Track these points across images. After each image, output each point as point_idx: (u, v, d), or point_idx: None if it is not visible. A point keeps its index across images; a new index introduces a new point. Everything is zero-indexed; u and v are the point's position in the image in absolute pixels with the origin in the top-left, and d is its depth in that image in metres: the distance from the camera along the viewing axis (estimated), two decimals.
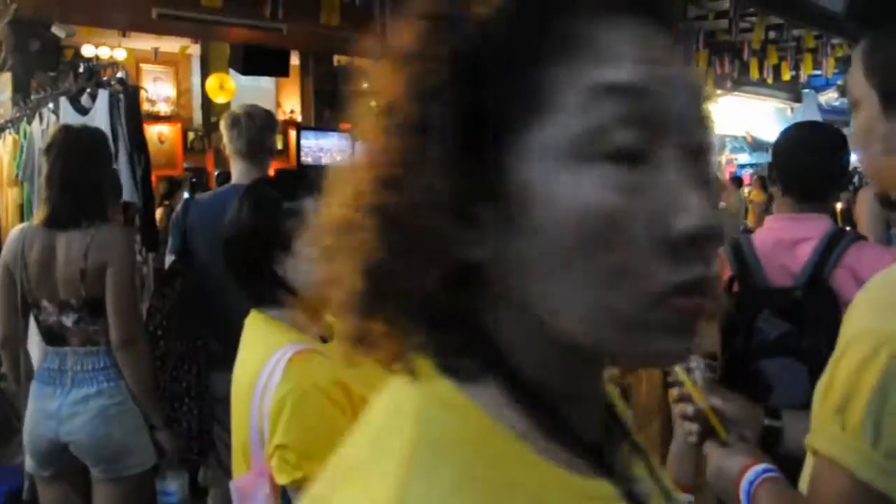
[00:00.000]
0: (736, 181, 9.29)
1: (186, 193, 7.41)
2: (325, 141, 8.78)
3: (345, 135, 9.01)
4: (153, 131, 10.21)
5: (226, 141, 2.44)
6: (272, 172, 2.56)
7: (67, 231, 2.07)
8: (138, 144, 3.10)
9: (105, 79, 3.27)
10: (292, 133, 10.23)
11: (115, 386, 2.07)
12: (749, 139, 13.23)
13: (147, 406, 2.11)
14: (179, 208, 2.58)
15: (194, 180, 8.87)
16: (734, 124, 12.06)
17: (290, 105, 11.61)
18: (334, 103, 9.45)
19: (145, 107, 9.60)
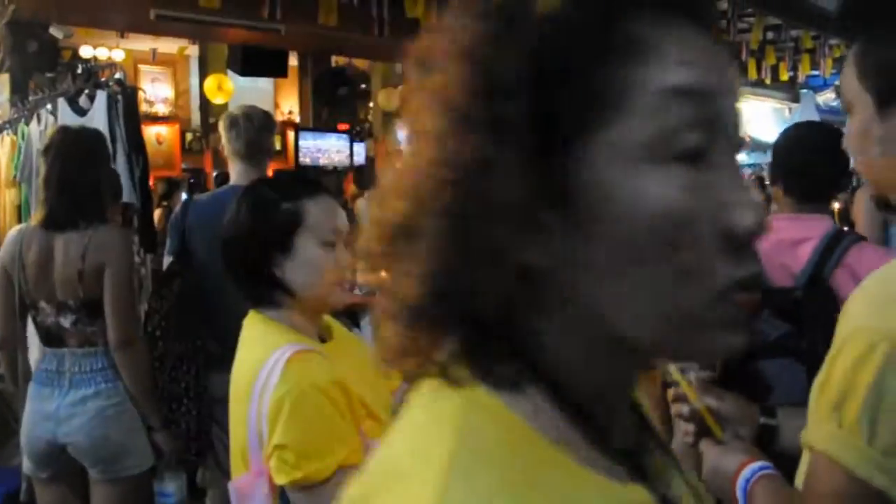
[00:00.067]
0: None
1: (184, 194, 7.41)
2: (324, 142, 8.78)
3: (343, 135, 9.01)
4: (151, 132, 10.20)
5: (224, 142, 2.44)
6: (270, 173, 2.55)
7: (65, 232, 2.07)
8: (136, 145, 3.10)
9: (103, 80, 3.27)
10: (290, 134, 10.23)
11: (113, 387, 2.07)
12: (747, 139, 13.25)
13: (145, 407, 2.11)
14: (178, 209, 2.57)
15: (192, 181, 8.86)
16: None
17: (289, 106, 11.61)
18: (335, 102, 9.45)
19: (143, 108, 9.60)
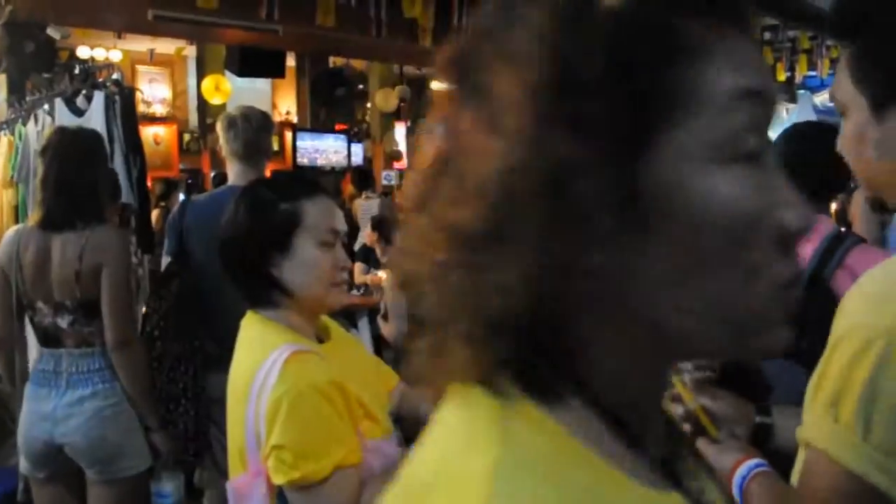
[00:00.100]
0: None
1: (182, 195, 7.41)
2: (321, 142, 8.78)
3: (340, 136, 9.01)
4: (149, 133, 10.19)
5: (222, 142, 2.44)
6: (268, 174, 2.55)
7: (63, 233, 2.07)
8: (134, 146, 3.10)
9: (100, 80, 3.27)
10: (288, 134, 10.23)
11: (111, 387, 2.06)
12: None
13: (142, 407, 2.10)
14: (176, 210, 2.57)
15: (190, 182, 8.86)
16: None
17: (286, 106, 11.60)
18: (332, 102, 9.43)
19: (141, 108, 9.58)
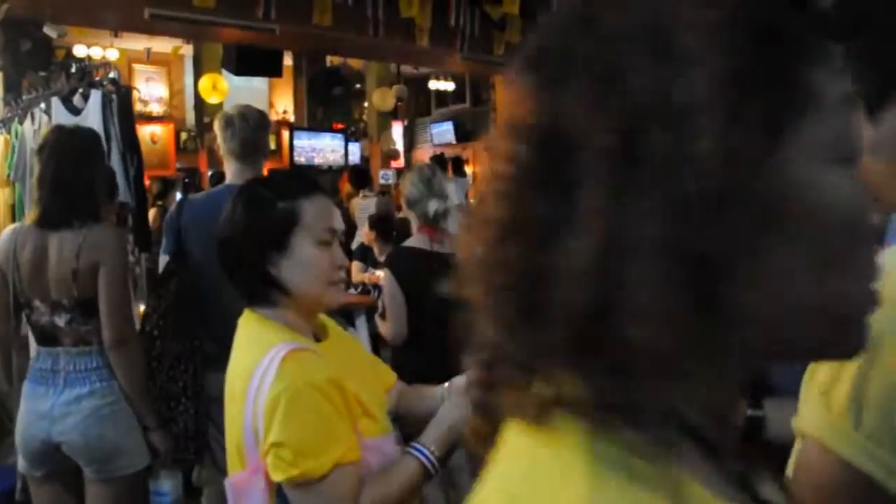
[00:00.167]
0: None
1: (179, 194, 7.40)
2: (318, 141, 8.79)
3: (338, 135, 9.01)
4: (146, 131, 10.19)
5: (220, 141, 2.44)
6: (266, 172, 2.56)
7: (59, 231, 2.07)
8: (131, 145, 3.10)
9: (97, 79, 3.26)
10: (285, 133, 10.24)
11: (108, 386, 2.06)
12: None
13: (140, 406, 2.10)
14: (173, 208, 2.57)
15: (187, 180, 8.86)
16: None
17: (283, 105, 11.60)
18: (329, 101, 9.42)
19: (137, 107, 9.57)
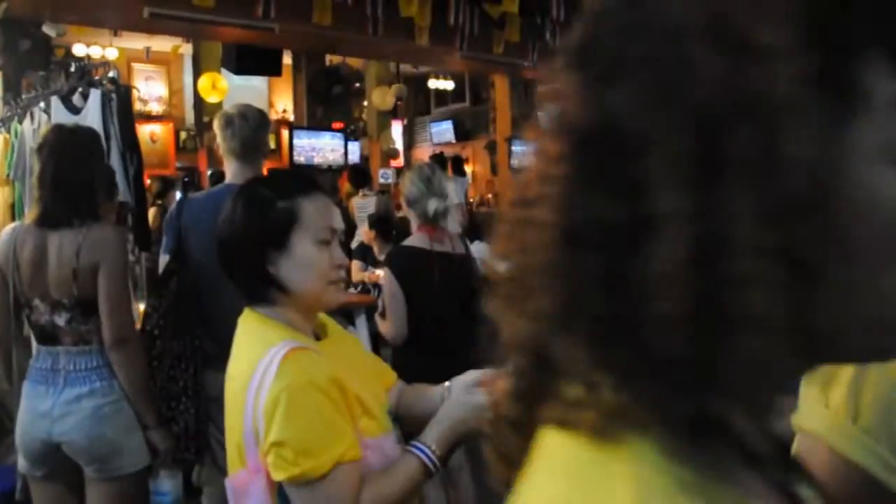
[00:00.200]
0: None
1: (179, 193, 7.40)
2: (318, 140, 8.77)
3: (337, 134, 8.99)
4: (145, 131, 10.19)
5: (219, 141, 2.44)
6: (265, 172, 2.56)
7: (59, 230, 2.06)
8: (130, 144, 3.10)
9: (97, 78, 3.26)
10: (285, 133, 10.23)
11: (108, 385, 2.06)
12: None
13: (140, 405, 2.10)
14: (173, 208, 2.57)
15: (186, 180, 8.86)
16: None
17: (283, 104, 11.60)
18: (329, 100, 9.38)
19: (137, 106, 9.57)
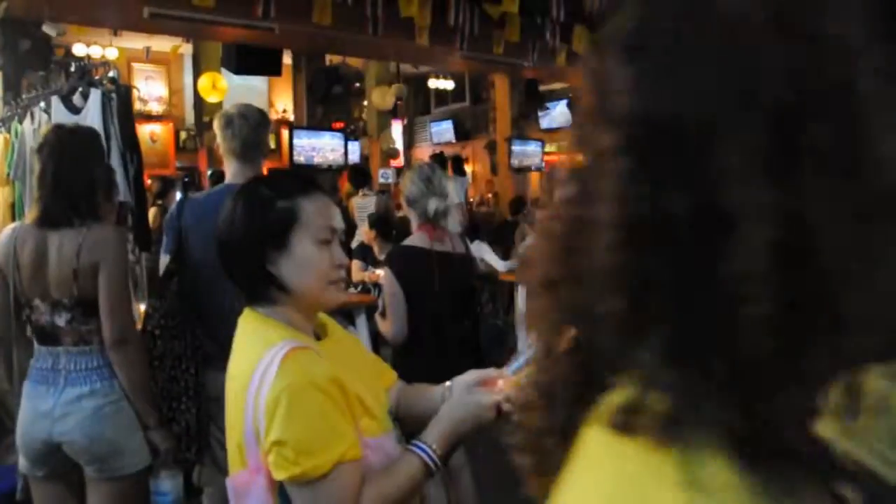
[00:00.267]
0: None
1: (179, 193, 7.40)
2: (318, 140, 8.77)
3: (337, 134, 8.99)
4: (145, 131, 10.20)
5: (219, 140, 2.44)
6: (265, 171, 2.56)
7: (60, 230, 2.07)
8: (131, 144, 3.10)
9: (97, 78, 3.26)
10: (285, 132, 10.23)
11: (109, 385, 2.06)
12: None
13: (140, 405, 2.10)
14: (174, 208, 2.57)
15: (187, 180, 8.86)
16: None
17: (283, 104, 11.61)
18: (329, 100, 9.36)
19: (137, 106, 9.58)
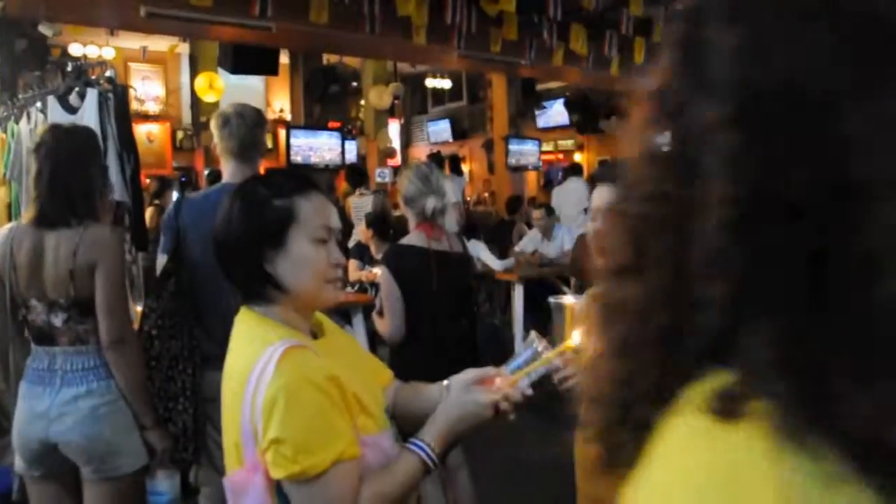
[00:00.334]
0: None
1: (176, 193, 7.39)
2: (315, 140, 8.76)
3: (334, 133, 8.98)
4: (142, 130, 10.18)
5: (216, 140, 2.44)
6: (262, 171, 2.55)
7: (56, 230, 2.06)
8: (127, 144, 3.10)
9: (93, 78, 3.25)
10: (282, 132, 10.23)
11: (105, 385, 2.06)
12: None
13: (137, 406, 2.10)
14: (171, 208, 2.56)
15: (184, 179, 8.85)
16: None
17: (280, 104, 11.60)
18: (326, 99, 9.36)
19: (134, 106, 9.56)
